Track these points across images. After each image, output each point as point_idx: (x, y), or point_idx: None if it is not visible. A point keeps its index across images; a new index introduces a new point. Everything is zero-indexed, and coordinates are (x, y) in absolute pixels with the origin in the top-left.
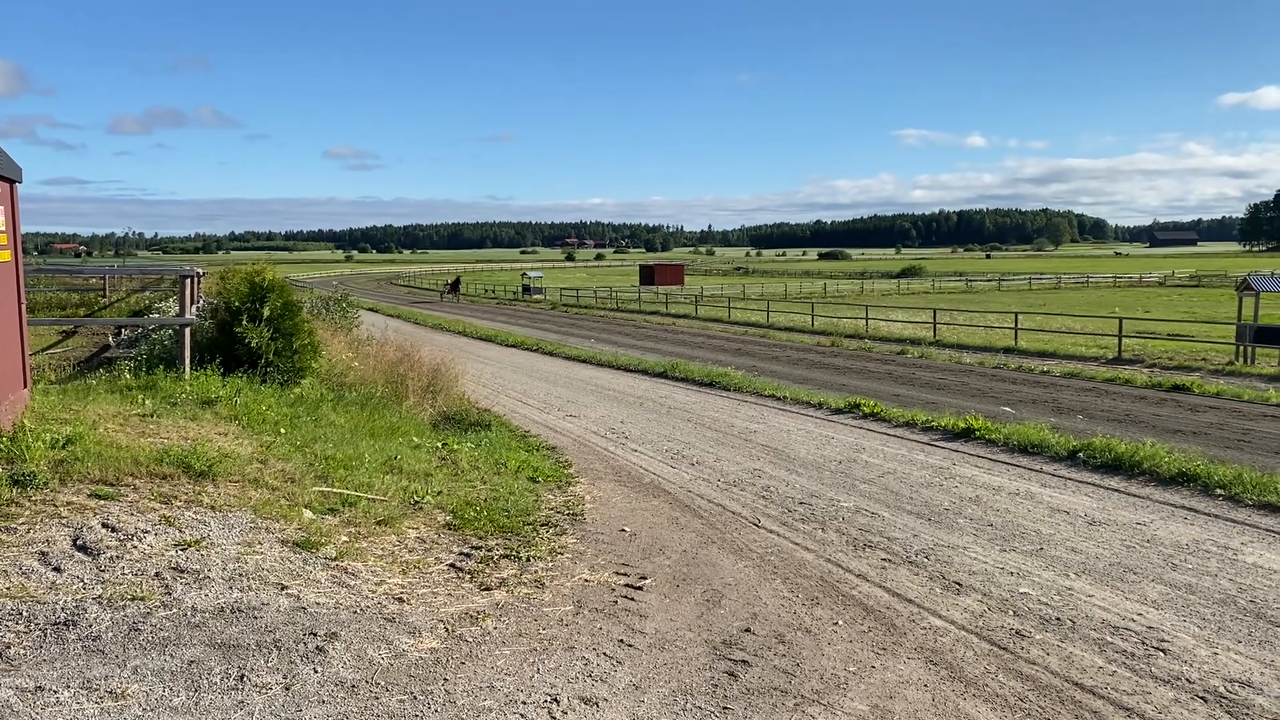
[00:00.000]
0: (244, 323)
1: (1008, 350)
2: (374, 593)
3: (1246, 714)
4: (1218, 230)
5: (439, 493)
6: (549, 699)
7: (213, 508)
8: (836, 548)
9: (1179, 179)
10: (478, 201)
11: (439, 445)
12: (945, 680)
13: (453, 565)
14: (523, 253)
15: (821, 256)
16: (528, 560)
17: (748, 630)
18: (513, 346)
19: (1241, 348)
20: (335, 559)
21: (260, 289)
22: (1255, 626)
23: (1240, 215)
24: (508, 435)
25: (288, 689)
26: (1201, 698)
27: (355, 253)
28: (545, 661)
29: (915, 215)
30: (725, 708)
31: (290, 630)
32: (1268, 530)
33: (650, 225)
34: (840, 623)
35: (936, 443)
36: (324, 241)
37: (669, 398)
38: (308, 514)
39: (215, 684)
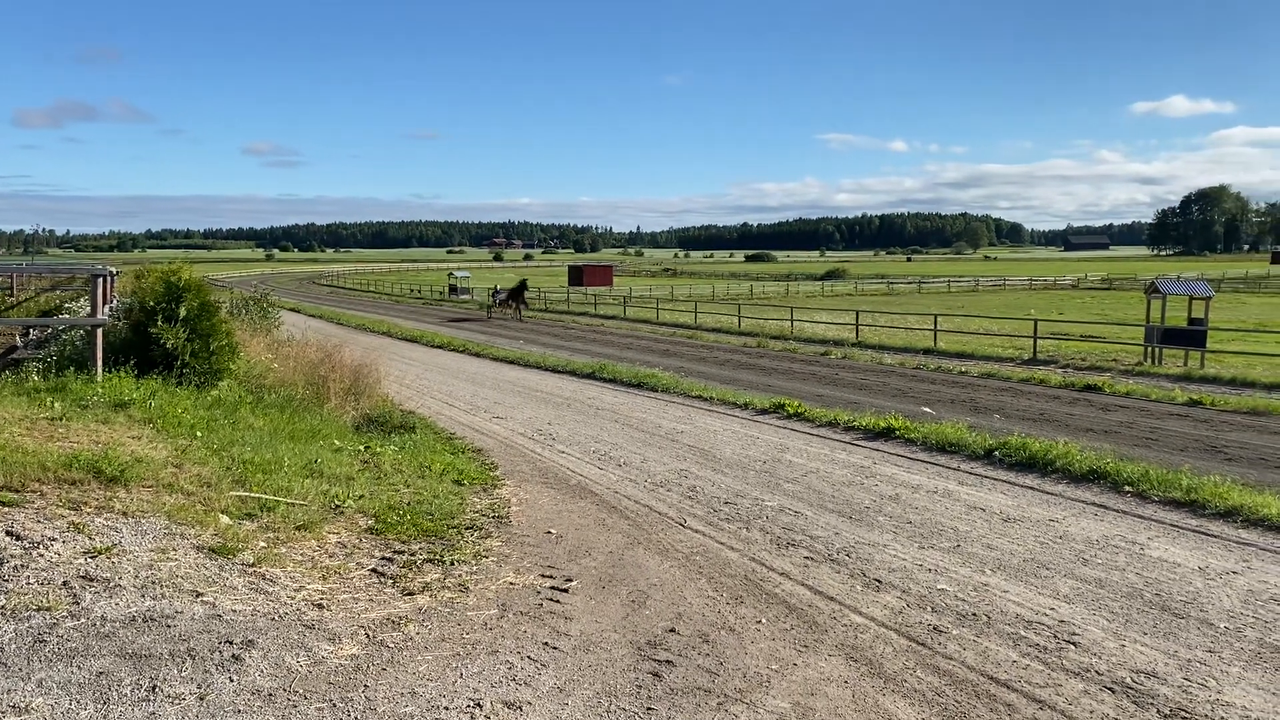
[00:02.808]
0: (159, 323)
1: (927, 351)
2: (293, 599)
3: (1151, 703)
4: (1128, 235)
5: (361, 497)
6: (472, 704)
7: (125, 514)
8: (761, 546)
9: (1092, 185)
10: (403, 200)
11: (361, 448)
12: (865, 677)
13: (375, 570)
14: (449, 252)
15: (748, 259)
16: (452, 564)
17: (673, 630)
18: (439, 347)
19: (1149, 348)
20: (253, 565)
21: (176, 288)
22: (1160, 619)
23: (1149, 221)
24: (432, 437)
25: (202, 699)
26: (1109, 689)
27: (276, 251)
28: (468, 666)
29: (839, 219)
30: (649, 708)
31: (205, 639)
32: (1172, 525)
33: (579, 226)
34: (764, 621)
35: (858, 442)
36: (244, 240)
37: (597, 399)
38: (224, 519)
39: (125, 695)
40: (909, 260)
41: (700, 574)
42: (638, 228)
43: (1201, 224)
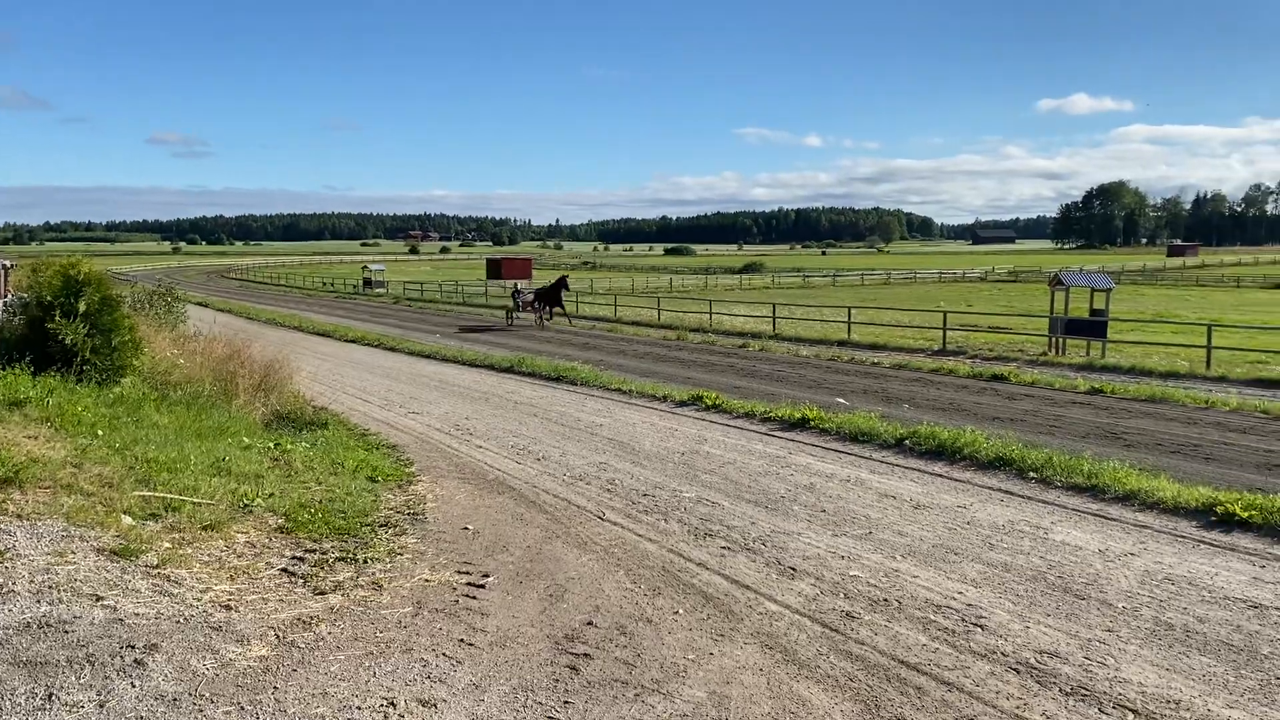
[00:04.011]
0: (57, 318)
1: (841, 343)
2: (199, 601)
3: (1054, 682)
4: (1034, 228)
5: (271, 495)
6: (385, 703)
7: (19, 516)
8: (679, 538)
9: (999, 180)
10: (315, 191)
11: (271, 446)
12: (780, 664)
13: (285, 570)
14: (363, 245)
15: (667, 252)
16: (365, 562)
17: (590, 623)
18: (352, 342)
19: (1054, 339)
20: (157, 567)
21: (76, 282)
22: (1063, 600)
23: (1054, 215)
24: (346, 434)
25: (102, 706)
26: (1014, 669)
27: (183, 244)
28: (382, 665)
29: (756, 213)
30: (566, 702)
31: (105, 644)
32: (1074, 510)
33: (497, 219)
34: (681, 611)
35: (774, 433)
36: (149, 233)
37: (515, 393)
38: (127, 520)
39: (20, 705)
40: (824, 254)
41: (618, 566)
42: (557, 221)
43: (1102, 218)
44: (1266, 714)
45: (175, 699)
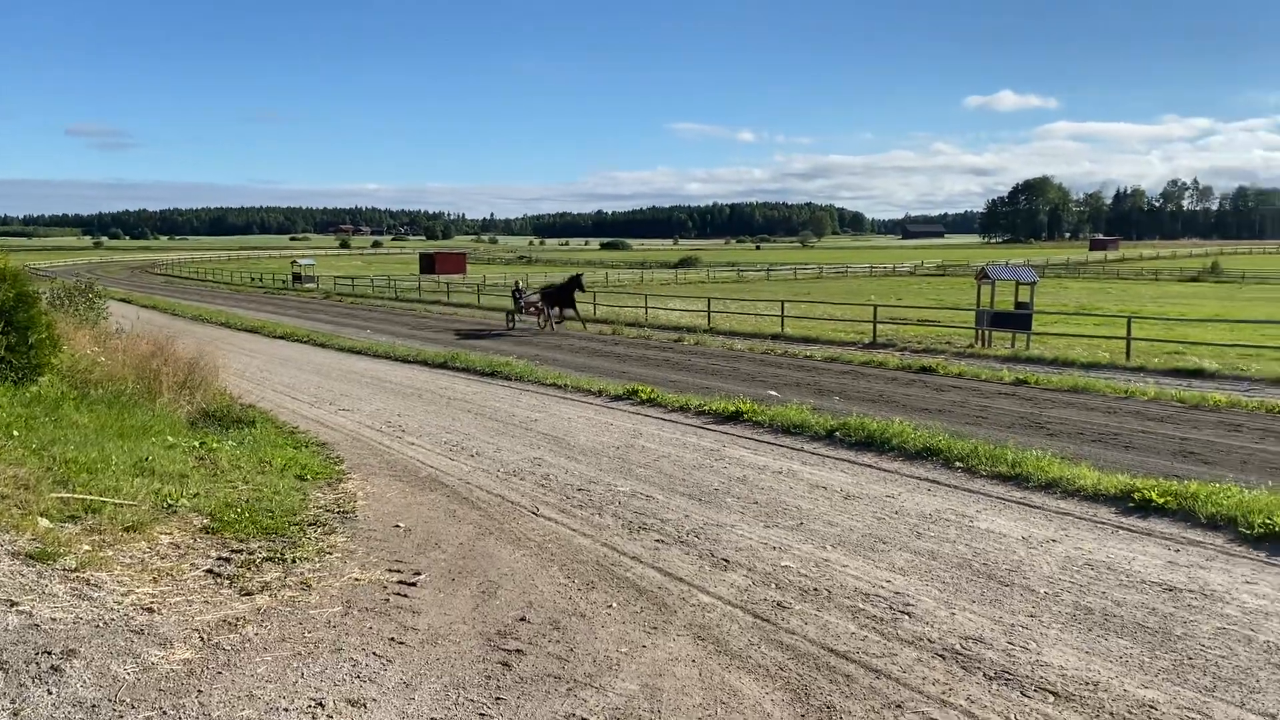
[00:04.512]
0: None
1: (775, 337)
2: (120, 604)
3: (978, 667)
4: (962, 223)
5: (196, 495)
6: (313, 704)
7: None
8: (613, 532)
9: (929, 175)
10: (243, 185)
11: (196, 444)
12: (712, 655)
13: (210, 571)
14: (293, 239)
15: (603, 246)
16: (293, 562)
17: (523, 619)
18: (281, 338)
19: (980, 331)
20: (76, 570)
21: None
22: (987, 587)
23: (981, 210)
24: (274, 432)
25: (16, 715)
26: (941, 655)
27: (105, 239)
28: (310, 665)
29: (691, 207)
30: (498, 698)
31: (20, 650)
32: (999, 498)
33: (430, 212)
34: (614, 605)
35: (708, 426)
36: (69, 227)
37: (449, 389)
38: (44, 523)
39: None
40: (758, 248)
41: (552, 561)
42: (492, 214)
43: (1028, 213)
44: (1179, 693)
45: (94, 705)
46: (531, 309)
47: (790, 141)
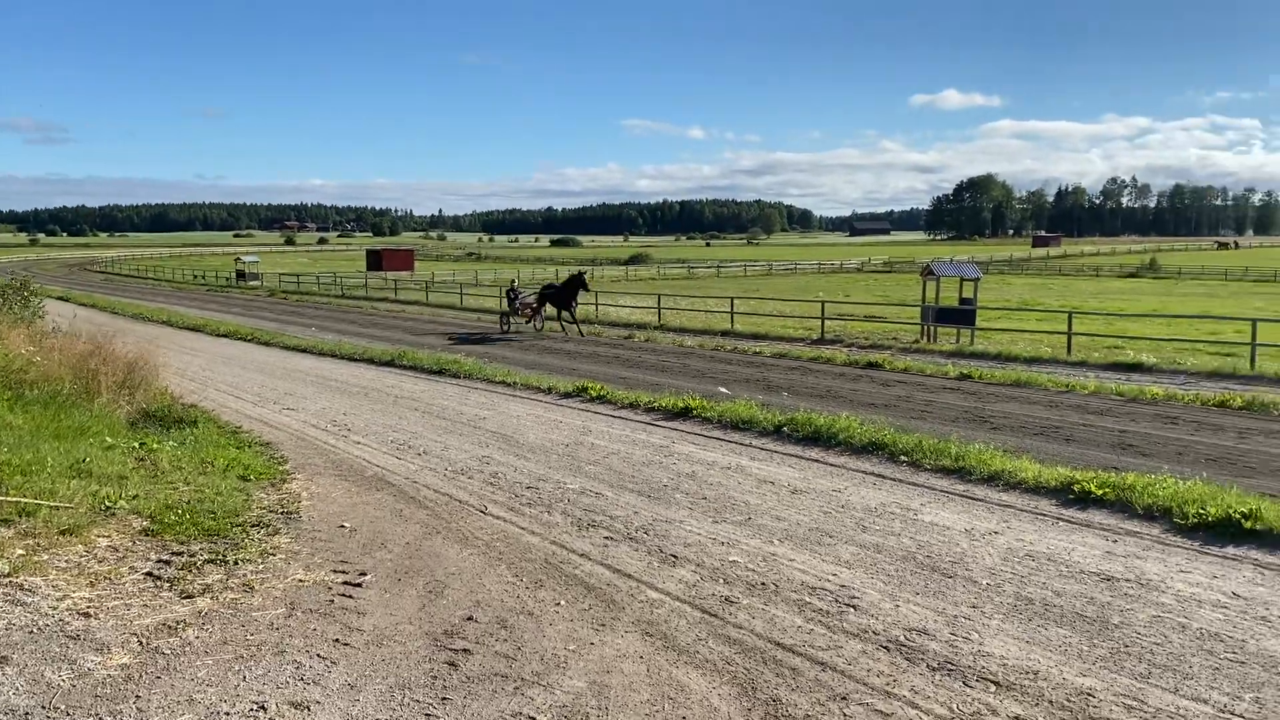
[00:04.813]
0: None
1: (725, 333)
2: (55, 609)
3: (922, 659)
4: (907, 220)
5: (135, 497)
6: (256, 707)
7: None
8: (562, 529)
9: (875, 173)
10: (185, 181)
11: (136, 445)
12: (660, 650)
13: (150, 574)
14: (236, 236)
15: (553, 243)
16: (236, 563)
17: (470, 619)
18: (225, 336)
19: (926, 327)
20: (8, 575)
21: None
22: (930, 579)
23: (926, 207)
24: (216, 432)
25: None
26: (885, 647)
27: (42, 236)
28: (253, 669)
29: (642, 204)
30: (444, 698)
31: None
32: (942, 491)
33: (377, 209)
34: (563, 603)
35: (658, 422)
36: (3, 223)
37: (396, 387)
38: None
39: None
40: (708, 245)
41: (500, 560)
42: (440, 211)
43: (972, 210)
44: (1116, 680)
45: (27, 713)
46: (527, 310)
47: (739, 139)
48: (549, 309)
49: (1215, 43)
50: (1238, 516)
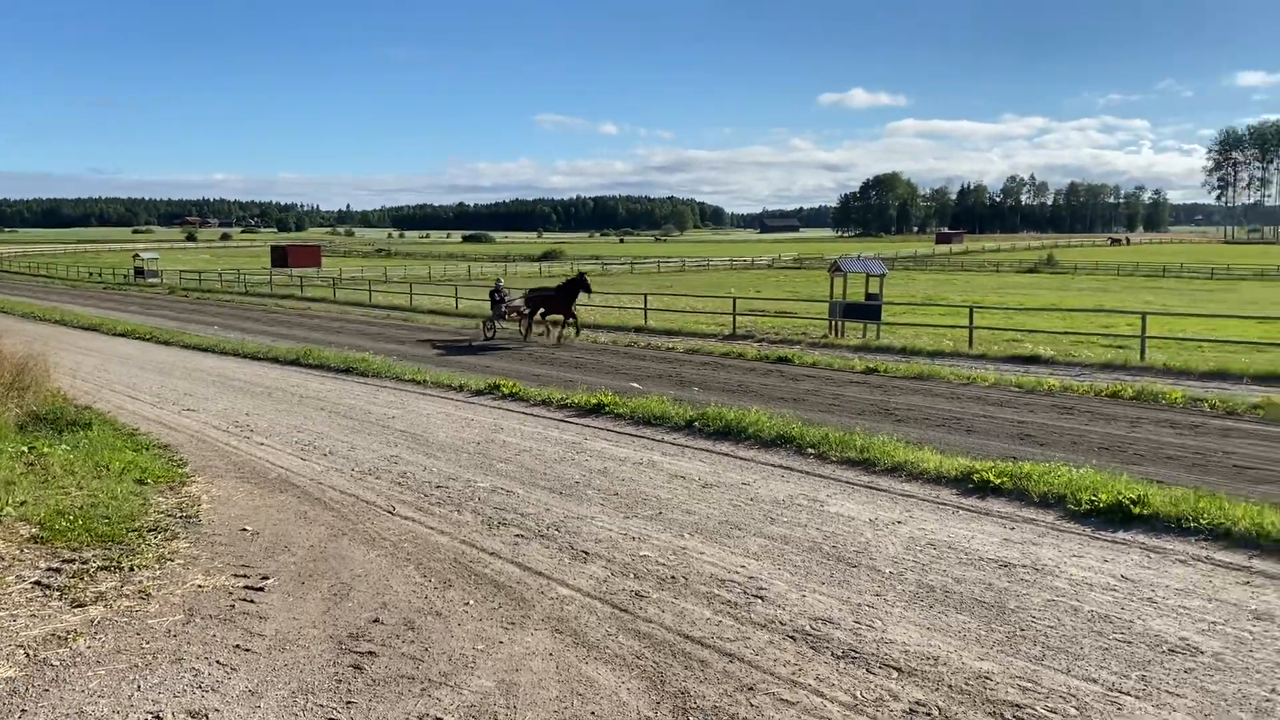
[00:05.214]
0: None
1: (639, 329)
2: None
3: (827, 647)
4: (816, 217)
5: (23, 503)
6: (151, 717)
7: None
8: (472, 528)
9: (785, 171)
10: (80, 175)
11: (25, 449)
12: (570, 647)
13: (38, 583)
14: (135, 232)
15: (465, 239)
16: (131, 570)
17: (376, 621)
18: (122, 335)
19: (834, 322)
20: None
21: None
22: (836, 569)
23: (834, 205)
24: (112, 434)
25: None
26: (791, 637)
27: None
28: (148, 678)
29: (555, 200)
30: (349, 702)
31: None
32: (848, 483)
33: (282, 204)
34: (472, 602)
35: (570, 419)
36: None
37: (301, 386)
38: None
39: None
40: (621, 241)
41: (408, 561)
42: (348, 206)
43: (878, 208)
44: (1012, 663)
45: None
46: (515, 314)
47: (652, 135)
48: (540, 314)
49: (1107, 46)
50: (1127, 502)
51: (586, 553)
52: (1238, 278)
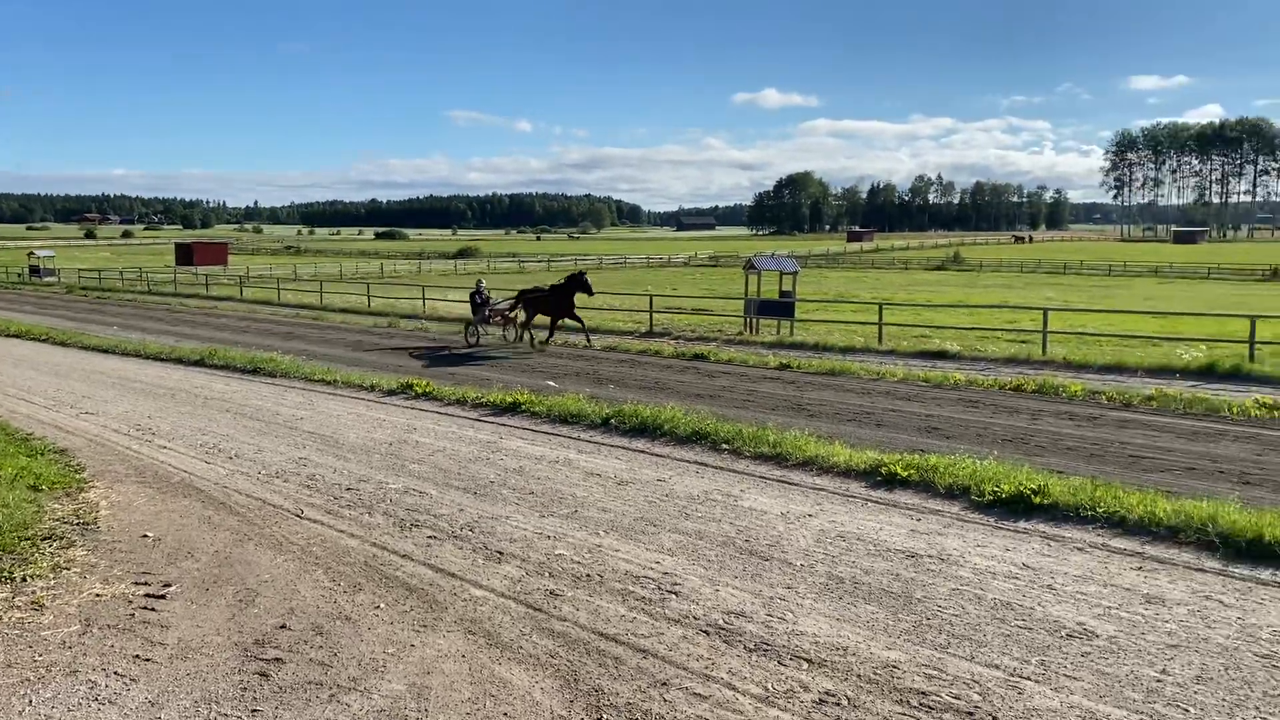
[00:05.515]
0: None
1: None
2: None
3: (739, 640)
4: (732, 216)
5: None
6: None
7: None
8: (383, 531)
9: (701, 169)
10: None
11: None
12: (483, 648)
13: None
14: (30, 229)
15: (378, 236)
16: (24, 580)
17: (284, 626)
18: (15, 337)
19: (749, 319)
20: None
21: None
22: (749, 563)
23: (749, 203)
24: (3, 439)
25: None
26: (705, 631)
27: None
28: (40, 692)
29: (470, 197)
30: (254, 710)
31: None
32: (761, 477)
33: (187, 200)
34: (383, 606)
35: (485, 418)
36: None
37: (206, 387)
38: None
39: None
40: (539, 239)
41: (317, 565)
42: (255, 202)
43: (791, 206)
44: (919, 652)
45: None
46: (499, 318)
47: (567, 133)
48: (533, 317)
49: (1011, 49)
50: (1028, 493)
51: (501, 553)
52: (1134, 274)
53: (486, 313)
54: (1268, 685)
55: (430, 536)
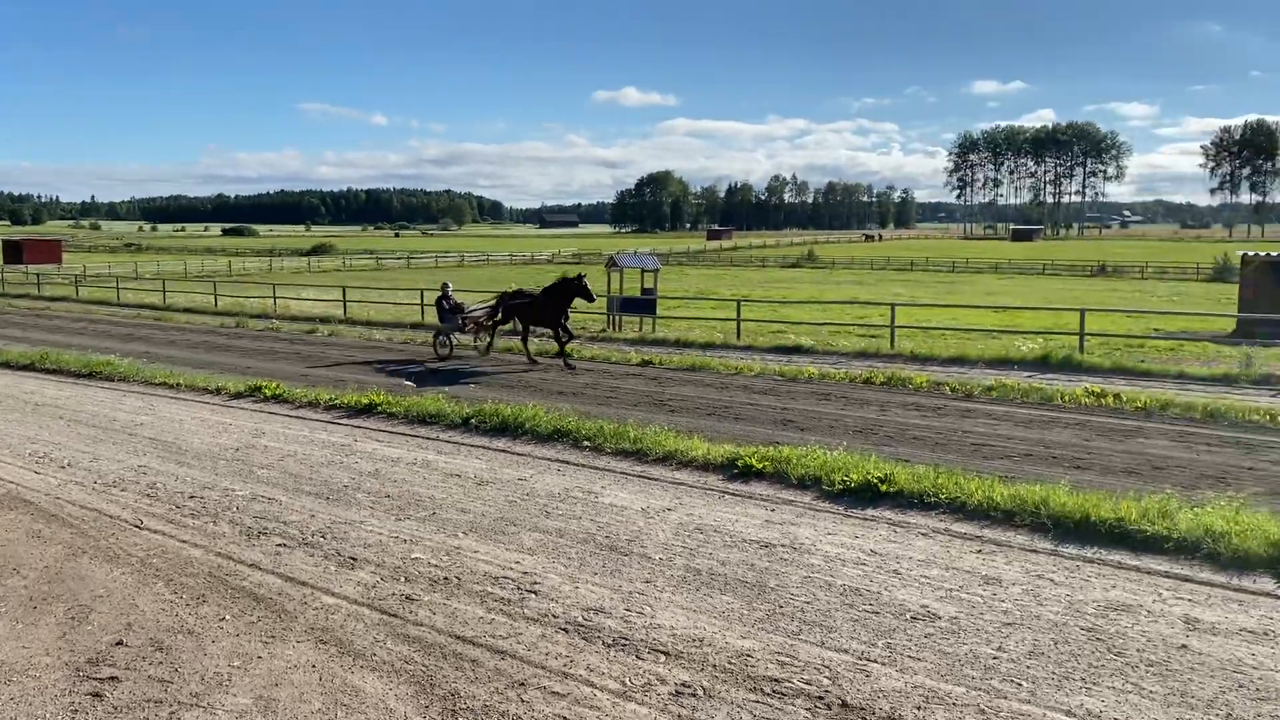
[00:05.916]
0: None
1: (416, 325)
2: None
3: (598, 636)
4: (595, 214)
5: None
6: None
7: None
8: (229, 540)
9: (563, 166)
10: None
11: None
12: (334, 657)
13: None
14: None
15: (226, 232)
16: None
17: (120, 643)
18: None
19: (611, 316)
20: None
21: None
22: (609, 559)
23: (611, 201)
24: None
25: None
26: (564, 629)
27: None
28: None
29: (324, 192)
30: None
31: None
32: (621, 473)
33: (16, 195)
34: (228, 617)
35: (340, 420)
36: None
37: (36, 393)
38: None
39: None
40: (397, 236)
41: (157, 577)
42: (93, 197)
43: (653, 205)
44: (771, 639)
45: None
46: (473, 325)
47: (424, 127)
48: (511, 325)
49: (860, 52)
50: (875, 481)
51: (354, 559)
52: (975, 271)
53: (459, 320)
54: (1092, 657)
55: (280, 544)
